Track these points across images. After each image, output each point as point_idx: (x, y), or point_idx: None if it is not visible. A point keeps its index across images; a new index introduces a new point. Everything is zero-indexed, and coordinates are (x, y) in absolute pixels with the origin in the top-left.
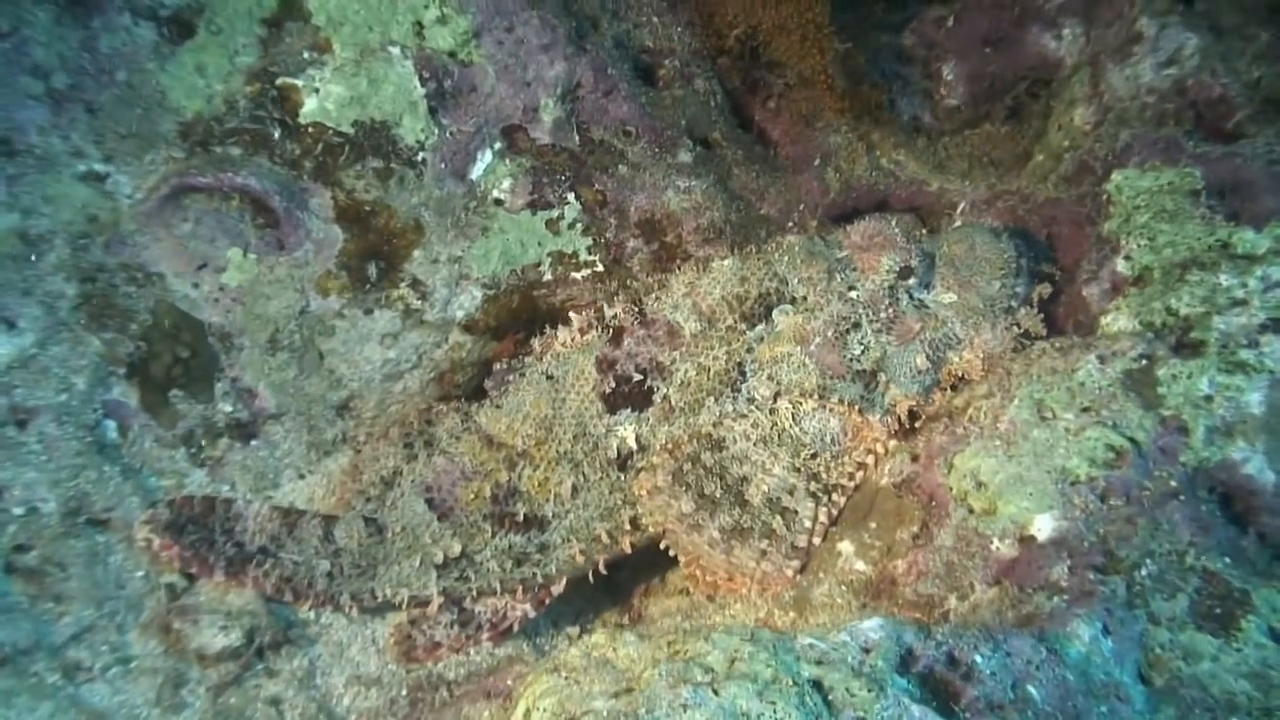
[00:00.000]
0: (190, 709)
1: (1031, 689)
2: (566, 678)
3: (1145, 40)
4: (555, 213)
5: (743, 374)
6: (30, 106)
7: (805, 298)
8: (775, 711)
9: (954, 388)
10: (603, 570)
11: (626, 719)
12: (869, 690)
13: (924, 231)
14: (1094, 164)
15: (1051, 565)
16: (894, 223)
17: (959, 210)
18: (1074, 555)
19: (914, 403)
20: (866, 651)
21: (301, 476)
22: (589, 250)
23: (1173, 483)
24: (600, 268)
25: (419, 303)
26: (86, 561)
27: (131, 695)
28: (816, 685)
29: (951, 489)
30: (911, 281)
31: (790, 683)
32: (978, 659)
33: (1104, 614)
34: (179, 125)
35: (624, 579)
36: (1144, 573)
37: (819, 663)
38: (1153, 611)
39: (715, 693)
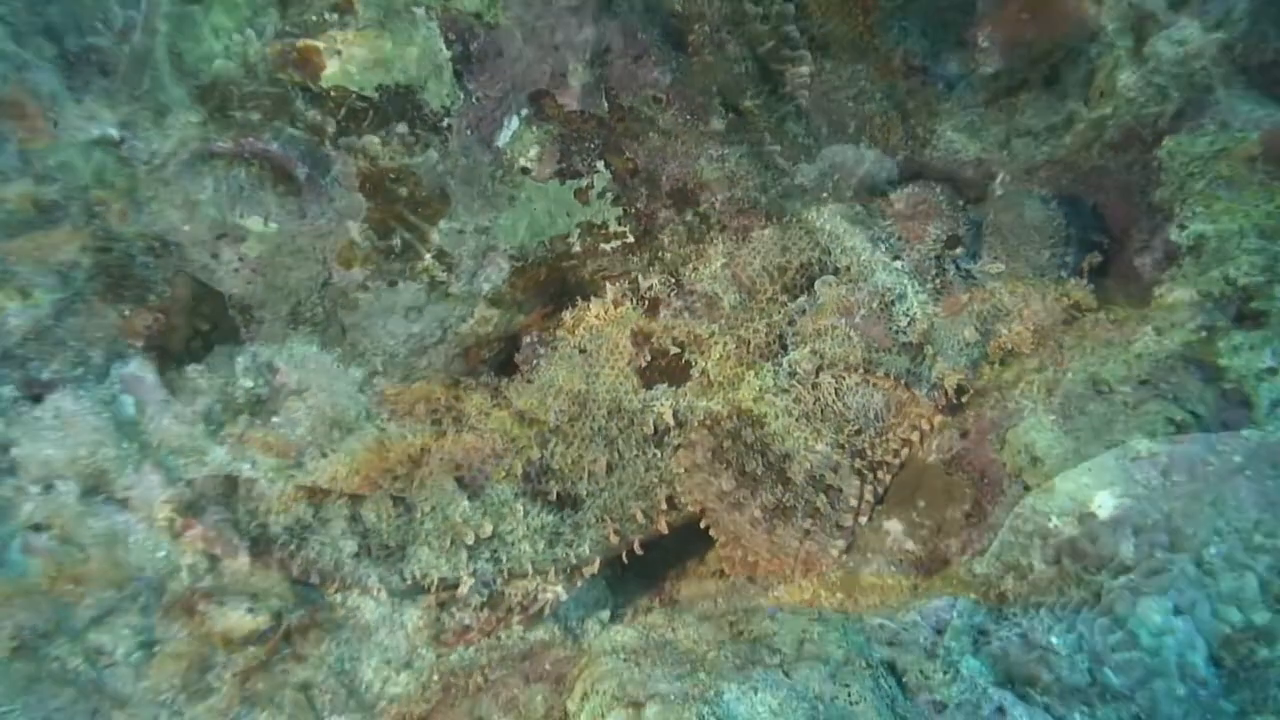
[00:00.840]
0: (217, 694)
1: (1109, 671)
2: (625, 659)
3: (1192, 2)
4: (584, 182)
5: (784, 347)
6: (43, 68)
7: (849, 268)
8: (850, 694)
9: (1002, 361)
10: (638, 550)
11: (695, 702)
12: (944, 673)
13: (962, 201)
14: (1142, 130)
15: (1116, 543)
16: (939, 190)
17: (998, 180)
18: (1139, 533)
19: (962, 377)
20: (939, 632)
21: (324, 455)
22: (619, 221)
23: (1236, 458)
24: (631, 239)
25: (444, 275)
26: (106, 542)
27: (156, 680)
28: (890, 667)
29: (1005, 465)
30: (959, 251)
31: (864, 664)
32: (1053, 640)
33: (1174, 594)
34: (196, 89)
35: (654, 560)
36: (1212, 551)
37: (891, 644)
38: (1223, 591)
39: (786, 674)
